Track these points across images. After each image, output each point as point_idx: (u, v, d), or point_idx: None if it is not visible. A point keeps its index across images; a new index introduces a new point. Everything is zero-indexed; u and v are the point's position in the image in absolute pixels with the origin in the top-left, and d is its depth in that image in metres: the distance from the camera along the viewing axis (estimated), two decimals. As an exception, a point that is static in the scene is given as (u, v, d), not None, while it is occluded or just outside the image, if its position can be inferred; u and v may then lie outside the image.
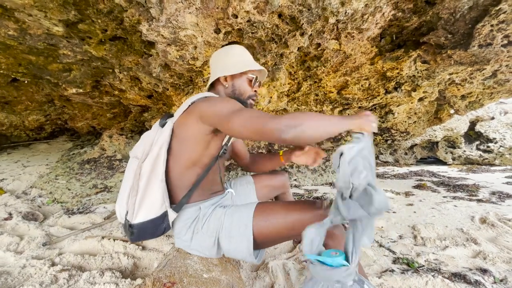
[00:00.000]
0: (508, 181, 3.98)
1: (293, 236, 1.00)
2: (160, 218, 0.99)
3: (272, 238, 0.99)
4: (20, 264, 1.37)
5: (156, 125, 1.11)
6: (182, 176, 1.04)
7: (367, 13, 1.77)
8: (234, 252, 1.00)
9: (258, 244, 0.99)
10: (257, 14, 1.66)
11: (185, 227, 1.03)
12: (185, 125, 1.02)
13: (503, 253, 1.53)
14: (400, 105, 3.08)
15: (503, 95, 2.93)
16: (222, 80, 1.16)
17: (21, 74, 2.65)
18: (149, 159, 1.00)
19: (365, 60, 2.33)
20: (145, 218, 0.97)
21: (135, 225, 0.98)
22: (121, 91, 2.87)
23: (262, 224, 0.97)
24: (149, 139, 1.06)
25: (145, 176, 0.98)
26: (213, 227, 1.01)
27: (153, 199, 0.98)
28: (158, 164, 0.99)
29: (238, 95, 1.15)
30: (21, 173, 3.05)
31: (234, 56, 1.19)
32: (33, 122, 4.04)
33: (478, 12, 1.75)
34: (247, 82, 1.16)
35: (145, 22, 1.69)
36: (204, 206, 1.07)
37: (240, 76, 1.16)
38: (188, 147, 1.02)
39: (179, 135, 1.03)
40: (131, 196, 0.99)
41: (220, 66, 1.18)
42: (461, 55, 2.03)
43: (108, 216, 2.14)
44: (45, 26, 1.83)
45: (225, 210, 1.04)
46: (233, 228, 0.98)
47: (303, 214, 0.95)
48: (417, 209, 2.47)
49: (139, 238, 1.01)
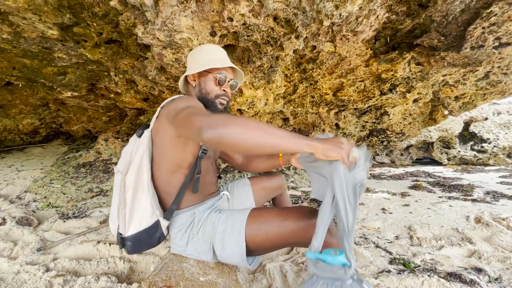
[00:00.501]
0: (502, 181, 4.03)
1: (287, 245, 0.98)
2: (153, 228, 0.98)
3: (265, 246, 0.98)
4: (14, 270, 1.35)
5: (134, 137, 1.10)
6: (168, 181, 1.03)
7: (362, 16, 1.79)
8: (228, 258, 0.99)
9: (252, 251, 0.98)
10: (253, 17, 1.67)
11: (181, 233, 1.03)
12: (159, 131, 1.01)
13: (498, 252, 1.55)
14: (395, 107, 3.11)
15: (495, 96, 2.97)
16: (190, 79, 1.17)
17: (15, 78, 2.63)
18: (131, 171, 1.00)
19: (360, 62, 2.35)
20: (137, 229, 0.97)
21: (128, 238, 0.98)
22: (117, 94, 2.86)
23: (255, 233, 0.96)
24: (128, 151, 1.06)
25: (131, 188, 0.98)
26: (208, 232, 1.00)
27: (142, 209, 0.97)
28: (141, 174, 0.99)
29: (204, 94, 1.13)
30: (15, 178, 3.02)
31: (203, 54, 1.16)
32: (27, 126, 4.00)
33: (470, 15, 1.78)
34: (213, 81, 1.13)
35: (140, 25, 1.69)
36: (199, 210, 1.06)
37: (206, 75, 1.13)
38: (168, 152, 1.01)
39: (157, 142, 1.02)
40: (120, 209, 0.99)
41: (189, 64, 1.18)
42: (454, 57, 2.06)
43: (104, 220, 2.12)
44: (39, 30, 1.83)
45: (220, 216, 1.03)
46: (226, 234, 0.97)
47: (298, 223, 0.92)
48: (413, 210, 2.49)
49: (135, 250, 1.01)
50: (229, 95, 1.19)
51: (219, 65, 1.12)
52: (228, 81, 1.16)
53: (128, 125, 3.87)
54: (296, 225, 0.92)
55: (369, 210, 2.51)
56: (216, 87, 1.14)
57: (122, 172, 1.01)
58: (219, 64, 1.13)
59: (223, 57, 1.18)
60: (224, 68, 1.15)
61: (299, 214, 0.94)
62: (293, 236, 0.92)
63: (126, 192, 0.99)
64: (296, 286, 1.24)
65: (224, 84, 1.15)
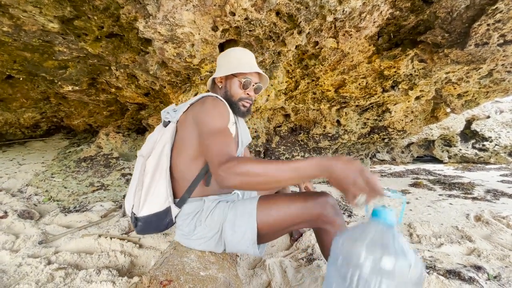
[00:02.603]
0: (503, 179, 4.02)
1: (297, 225, 1.01)
2: (164, 213, 1.04)
3: (276, 228, 1.01)
4: (16, 262, 1.36)
5: (160, 126, 1.17)
6: (185, 170, 1.08)
7: (365, 12, 1.77)
8: (236, 244, 1.01)
9: (262, 235, 1.01)
10: (255, 12, 1.65)
11: (188, 219, 1.05)
12: (184, 126, 1.08)
13: (497, 250, 1.55)
14: (397, 104, 3.09)
15: (498, 94, 2.95)
16: (218, 81, 1.22)
17: (16, 71, 2.62)
18: (153, 156, 1.06)
19: (362, 58, 2.33)
20: (150, 211, 1.03)
21: (140, 218, 1.04)
22: (118, 89, 2.85)
23: (266, 213, 0.99)
24: (152, 138, 1.13)
25: (150, 172, 1.04)
26: (217, 220, 1.03)
27: (157, 193, 1.03)
28: (162, 161, 1.05)
29: (229, 96, 1.18)
30: (17, 171, 3.03)
31: (231, 58, 1.22)
32: (28, 120, 4.00)
33: (475, 11, 1.76)
34: (238, 85, 1.17)
35: (141, 19, 1.67)
36: (208, 199, 1.09)
37: (232, 78, 1.18)
38: (187, 145, 1.07)
39: (180, 133, 1.09)
40: (137, 190, 1.05)
41: (218, 67, 1.24)
42: (458, 54, 2.04)
43: (105, 214, 2.14)
44: (40, 23, 1.81)
45: (229, 204, 1.07)
46: (237, 218, 1.00)
47: (306, 203, 0.98)
48: (413, 207, 2.49)
49: (143, 231, 1.07)
50: (253, 98, 1.23)
51: (246, 70, 1.17)
52: (253, 85, 1.20)
53: (129, 120, 3.87)
54: (304, 205, 0.97)
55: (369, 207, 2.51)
56: (240, 91, 1.18)
57: (144, 157, 1.08)
58: (246, 69, 1.17)
59: (250, 62, 1.22)
60: (249, 72, 1.18)
61: (306, 195, 1.01)
62: (301, 215, 0.97)
63: (145, 175, 1.05)
64: (296, 281, 1.24)
65: (248, 88, 1.18)
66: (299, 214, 0.97)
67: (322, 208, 0.96)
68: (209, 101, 1.06)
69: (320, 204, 0.96)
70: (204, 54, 1.96)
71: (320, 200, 0.97)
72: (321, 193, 1.01)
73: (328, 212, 0.96)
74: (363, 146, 4.28)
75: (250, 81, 1.17)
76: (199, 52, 1.93)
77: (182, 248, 1.06)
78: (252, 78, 1.19)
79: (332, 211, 0.97)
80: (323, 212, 0.96)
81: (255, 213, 0.99)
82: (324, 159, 0.75)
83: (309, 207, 0.97)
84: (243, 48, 1.28)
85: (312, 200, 0.98)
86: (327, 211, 0.96)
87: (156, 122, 3.39)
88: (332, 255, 0.72)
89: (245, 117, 1.26)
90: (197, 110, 1.04)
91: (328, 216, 0.96)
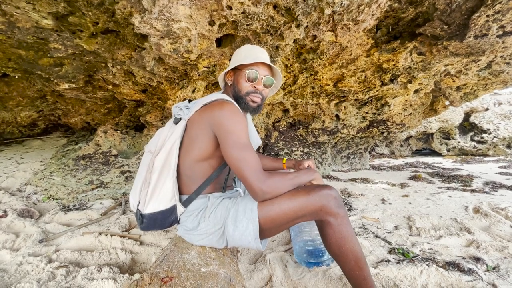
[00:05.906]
0: (501, 171, 4.04)
1: (300, 218, 1.01)
2: (169, 211, 1.04)
3: (279, 222, 1.00)
4: (16, 261, 1.36)
5: (170, 122, 1.16)
6: (193, 169, 1.08)
7: (363, 4, 1.75)
8: (238, 240, 1.01)
9: (265, 230, 1.01)
10: (252, 5, 1.63)
11: (192, 216, 1.06)
12: (196, 125, 1.06)
13: (496, 241, 1.57)
14: (396, 97, 3.08)
15: (497, 86, 2.95)
16: (227, 79, 1.21)
17: (11, 69, 2.59)
18: (162, 154, 1.05)
19: (361, 52, 2.31)
20: (155, 209, 1.02)
21: (145, 215, 1.03)
22: (115, 86, 2.82)
23: (269, 208, 0.99)
24: (162, 134, 1.12)
25: (158, 170, 1.04)
26: (220, 216, 1.03)
27: (164, 191, 1.03)
28: (170, 159, 1.05)
29: (237, 92, 1.16)
30: (15, 170, 3.02)
31: (241, 52, 1.20)
32: (25, 118, 3.97)
33: (474, 2, 1.74)
34: (244, 78, 1.13)
35: (137, 14, 1.65)
36: (213, 196, 1.10)
37: (238, 72, 1.16)
38: (198, 144, 1.06)
39: (191, 131, 1.08)
40: (143, 187, 1.05)
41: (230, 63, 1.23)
42: (457, 46, 2.03)
43: (105, 212, 2.13)
44: (33, 19, 1.78)
45: (232, 200, 1.07)
46: (239, 213, 1.01)
47: (309, 195, 0.98)
48: (412, 200, 2.50)
49: (148, 228, 1.06)
50: (263, 93, 1.18)
51: (249, 61, 1.12)
52: (261, 78, 1.15)
53: (127, 117, 3.85)
54: (307, 198, 0.98)
55: (368, 200, 2.53)
56: (247, 84, 1.14)
57: (153, 154, 1.08)
58: (249, 60, 1.12)
59: (258, 54, 1.17)
60: (256, 64, 1.14)
61: (309, 188, 1.02)
62: (305, 208, 0.98)
63: (152, 172, 1.04)
64: (297, 276, 1.25)
65: (255, 81, 1.13)
66: (303, 207, 0.98)
67: (325, 200, 0.96)
68: (228, 108, 1.03)
69: (323, 197, 0.97)
70: (201, 49, 1.94)
71: (323, 192, 0.98)
72: (324, 186, 1.01)
73: (331, 204, 0.96)
74: (362, 140, 4.28)
75: (256, 73, 1.12)
76: (196, 47, 1.91)
77: (183, 244, 1.06)
78: (259, 70, 1.13)
79: (335, 203, 0.97)
80: (327, 204, 0.96)
81: (256, 208, 0.99)
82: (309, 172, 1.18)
83: (312, 199, 0.97)
84: (254, 45, 1.25)
85: (315, 193, 0.98)
86: (330, 204, 0.96)
87: (154, 119, 3.37)
88: None
89: (254, 114, 1.22)
90: (217, 115, 1.01)
91: (331, 208, 0.96)
